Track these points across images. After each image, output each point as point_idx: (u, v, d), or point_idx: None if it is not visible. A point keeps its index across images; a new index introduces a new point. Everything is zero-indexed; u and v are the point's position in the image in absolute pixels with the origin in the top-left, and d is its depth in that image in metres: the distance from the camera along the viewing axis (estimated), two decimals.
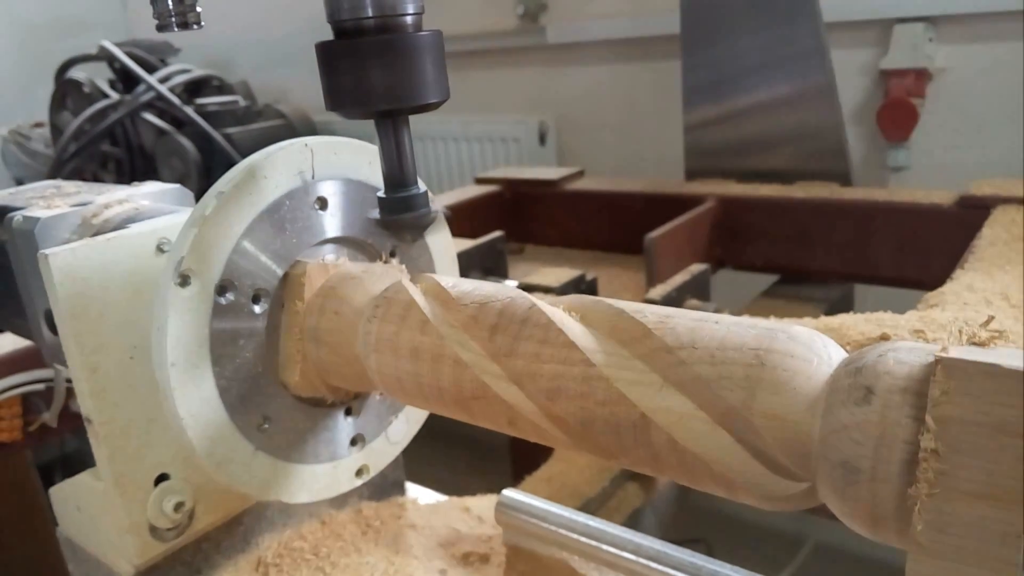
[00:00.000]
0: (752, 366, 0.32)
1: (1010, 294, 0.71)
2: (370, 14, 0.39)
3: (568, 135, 2.19)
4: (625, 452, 0.36)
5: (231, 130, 2.30)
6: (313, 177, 0.48)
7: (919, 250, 1.17)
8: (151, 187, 0.63)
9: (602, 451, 0.37)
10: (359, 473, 0.55)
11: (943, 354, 0.26)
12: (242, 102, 2.43)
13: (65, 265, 0.45)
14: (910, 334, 0.61)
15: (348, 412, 0.53)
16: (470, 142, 2.33)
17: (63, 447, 1.19)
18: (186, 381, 0.43)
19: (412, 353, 0.42)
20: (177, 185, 0.64)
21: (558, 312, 0.39)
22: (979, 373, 0.26)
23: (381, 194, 0.44)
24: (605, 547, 0.55)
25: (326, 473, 0.52)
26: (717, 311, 0.98)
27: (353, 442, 0.54)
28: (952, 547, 0.26)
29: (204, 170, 2.27)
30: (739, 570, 0.51)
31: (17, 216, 0.56)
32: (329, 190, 0.49)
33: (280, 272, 0.47)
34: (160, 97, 2.23)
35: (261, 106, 2.54)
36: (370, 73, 0.40)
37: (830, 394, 0.30)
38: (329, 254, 0.51)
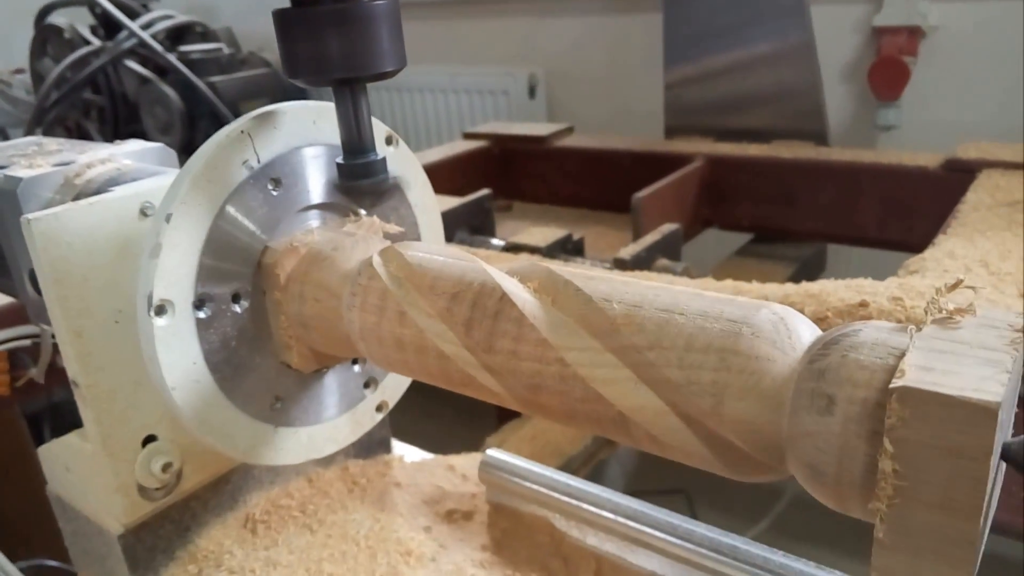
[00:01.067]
0: (719, 371, 0.32)
1: (990, 261, 0.71)
2: None
3: (558, 88, 2.17)
4: (612, 437, 0.37)
5: (215, 78, 2.26)
6: (259, 162, 0.46)
7: (904, 212, 1.18)
8: (133, 146, 0.62)
9: (589, 433, 0.38)
10: (379, 408, 0.58)
11: (898, 382, 0.27)
12: (226, 50, 2.38)
13: (48, 230, 0.45)
14: (889, 301, 0.62)
15: (355, 362, 0.55)
16: (458, 94, 2.30)
17: (51, 397, 1.20)
18: (191, 398, 0.45)
19: (396, 344, 0.42)
20: (160, 144, 0.63)
21: (529, 300, 0.38)
22: (934, 402, 0.26)
23: (339, 160, 0.45)
24: (585, 505, 0.57)
25: (349, 420, 0.55)
26: (685, 271, 0.99)
27: (367, 384, 0.56)
28: (913, 545, 0.27)
29: (188, 119, 2.24)
30: (712, 528, 0.52)
31: None
32: (279, 168, 0.48)
33: (251, 265, 0.47)
34: (142, 44, 2.19)
35: (245, 54, 2.49)
36: (327, 42, 0.40)
37: (795, 397, 0.30)
38: (305, 224, 0.50)
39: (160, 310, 0.43)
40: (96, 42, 2.26)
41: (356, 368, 0.55)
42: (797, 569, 0.48)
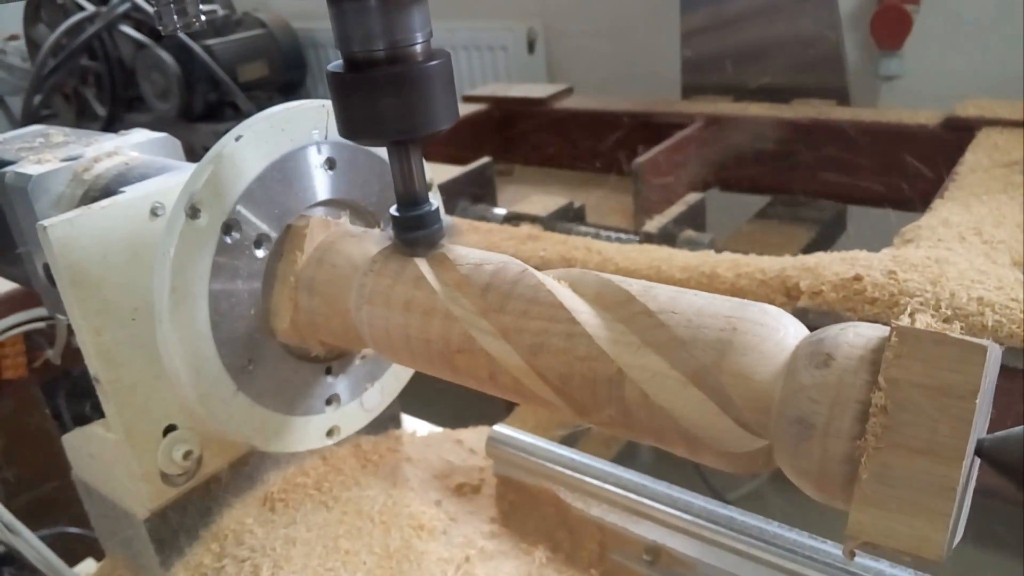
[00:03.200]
0: (725, 331, 0.34)
1: (984, 229, 0.73)
2: (381, 47, 0.40)
3: (558, 44, 2.15)
4: (599, 408, 0.39)
5: (211, 41, 2.24)
6: (326, 137, 0.50)
7: (906, 171, 1.18)
8: (138, 136, 0.63)
9: (577, 407, 0.40)
10: (330, 433, 0.57)
11: (899, 322, 0.29)
12: (221, 11, 2.36)
13: (64, 235, 0.46)
14: (883, 275, 0.63)
15: (328, 371, 0.55)
16: (455, 50, 2.27)
17: (69, 372, 1.22)
18: (182, 308, 0.46)
19: (405, 306, 0.44)
20: (164, 135, 0.64)
21: (550, 280, 0.41)
22: (929, 340, 0.28)
23: (394, 211, 0.46)
24: (589, 479, 0.59)
25: (298, 426, 0.54)
26: (712, 242, 1.00)
27: (328, 401, 0.56)
28: (893, 498, 0.29)
29: (185, 84, 2.22)
30: (710, 500, 0.55)
31: (9, 172, 0.57)
32: (338, 152, 0.51)
33: (283, 222, 0.49)
34: (137, 8, 2.16)
35: (240, 15, 2.46)
36: (382, 105, 0.41)
37: (793, 360, 0.33)
38: (329, 215, 0.52)
39: (195, 211, 0.45)
40: (90, 7, 2.23)
41: (327, 379, 0.56)
42: (791, 539, 0.50)
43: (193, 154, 0.51)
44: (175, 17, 0.45)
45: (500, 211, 1.11)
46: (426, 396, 0.76)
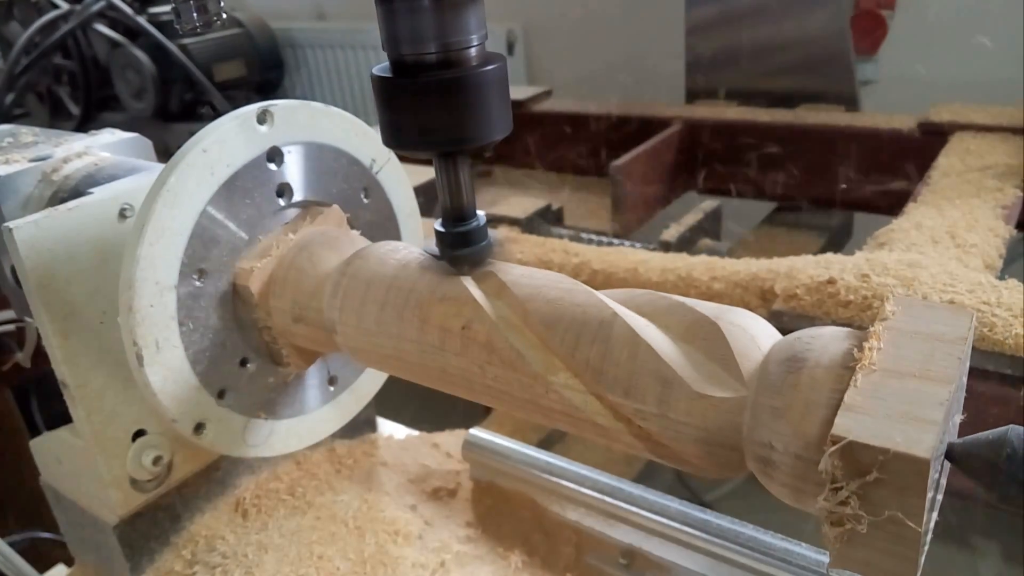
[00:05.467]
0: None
1: (957, 232, 0.73)
2: (433, 49, 0.36)
3: (538, 45, 2.15)
4: (581, 349, 0.37)
5: (187, 41, 2.22)
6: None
7: (881, 175, 1.19)
8: (109, 137, 0.62)
9: (560, 351, 0.38)
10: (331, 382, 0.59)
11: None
12: None
13: (30, 238, 0.45)
14: (856, 278, 0.63)
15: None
16: None
17: (40, 375, 1.21)
18: (178, 395, 0.46)
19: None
20: (135, 135, 0.63)
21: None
22: (920, 304, 0.32)
23: (439, 227, 0.43)
24: (565, 483, 0.59)
25: (331, 409, 0.57)
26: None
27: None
28: (882, 410, 0.28)
29: (160, 83, 2.20)
30: (686, 503, 0.55)
31: None
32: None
33: (234, 268, 0.49)
34: (111, 6, 2.13)
35: None
36: (432, 114, 0.37)
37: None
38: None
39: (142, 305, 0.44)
40: (64, 5, 2.20)
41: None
42: (766, 542, 0.50)
43: (168, 154, 0.49)
44: (194, 15, 0.43)
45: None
46: (402, 399, 0.76)
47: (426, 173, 1.15)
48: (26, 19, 2.22)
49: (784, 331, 0.34)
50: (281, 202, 0.50)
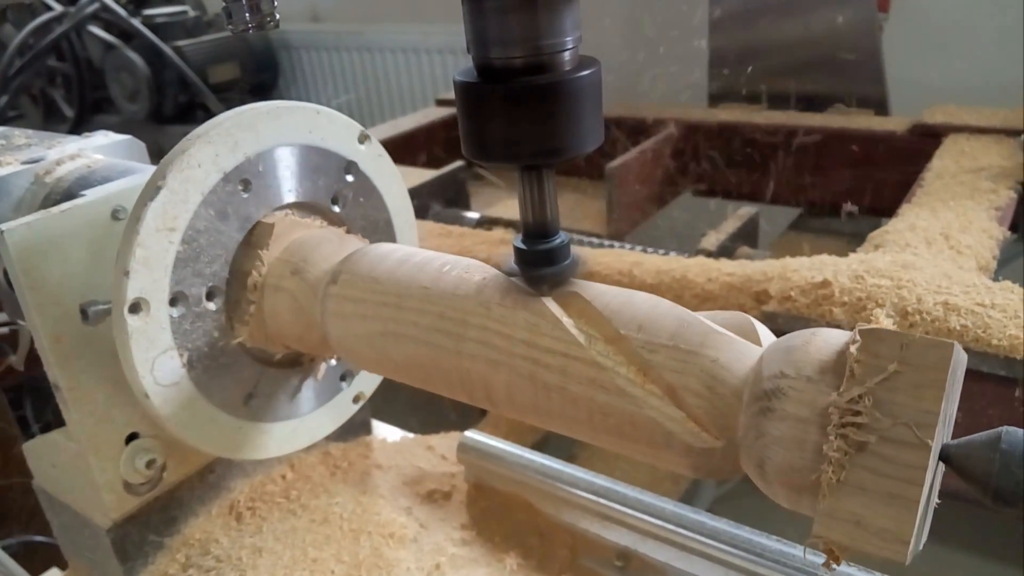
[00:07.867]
0: None
1: (951, 234, 0.73)
2: (523, 53, 0.33)
3: None
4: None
5: (181, 43, 2.22)
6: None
7: (875, 177, 1.20)
8: (102, 139, 0.62)
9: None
10: (356, 400, 0.60)
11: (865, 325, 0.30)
12: (191, 12, 2.33)
13: (22, 239, 0.45)
14: (851, 280, 0.63)
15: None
16: (431, 54, 2.27)
17: (34, 378, 1.20)
18: (171, 397, 0.46)
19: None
20: (128, 137, 0.63)
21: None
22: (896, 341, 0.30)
23: (519, 243, 0.39)
24: (560, 485, 0.59)
25: (325, 412, 0.57)
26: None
27: (343, 378, 0.58)
28: (861, 498, 0.28)
29: (155, 86, 2.20)
30: (680, 505, 0.55)
31: None
32: (250, 169, 0.48)
33: (226, 271, 0.48)
34: (105, 8, 2.13)
35: (211, 16, 2.44)
36: (520, 123, 0.34)
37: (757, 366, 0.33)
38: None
39: (135, 308, 0.43)
40: (58, 7, 2.20)
41: (333, 362, 0.56)
42: (761, 543, 0.50)
43: (162, 156, 0.49)
44: (247, 15, 0.41)
45: (473, 215, 1.10)
46: (397, 402, 0.76)
47: (426, 173, 1.15)
48: (20, 21, 2.22)
49: (778, 333, 0.34)
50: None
